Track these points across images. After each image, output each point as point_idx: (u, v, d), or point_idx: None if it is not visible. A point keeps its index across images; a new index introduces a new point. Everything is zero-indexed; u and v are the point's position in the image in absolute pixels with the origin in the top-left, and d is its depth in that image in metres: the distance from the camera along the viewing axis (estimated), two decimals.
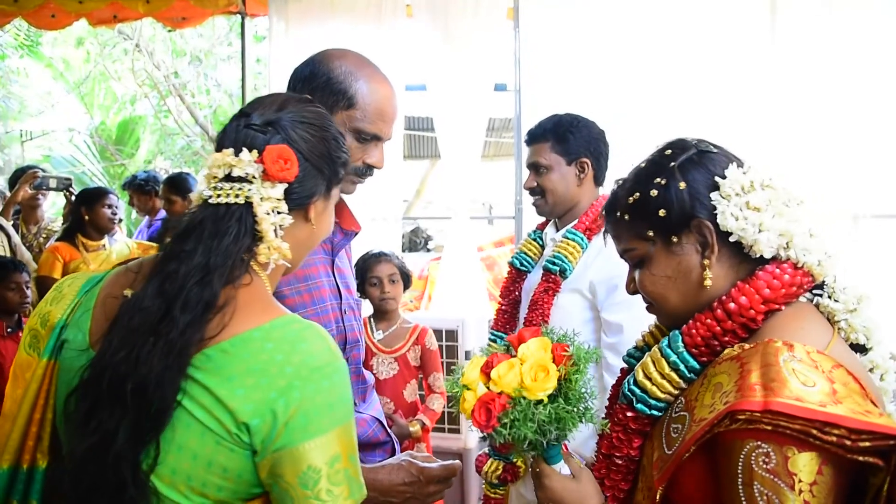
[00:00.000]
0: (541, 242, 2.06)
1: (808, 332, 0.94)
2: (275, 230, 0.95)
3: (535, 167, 1.94)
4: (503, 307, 2.09)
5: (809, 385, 0.84)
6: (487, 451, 1.97)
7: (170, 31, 7.27)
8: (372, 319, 2.51)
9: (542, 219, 2.10)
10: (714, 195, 1.02)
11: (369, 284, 2.45)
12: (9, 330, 2.78)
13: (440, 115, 3.74)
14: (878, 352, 1.02)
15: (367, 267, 2.44)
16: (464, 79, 3.63)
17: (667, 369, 1.03)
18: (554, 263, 1.88)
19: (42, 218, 3.84)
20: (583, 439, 1.75)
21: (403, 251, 4.75)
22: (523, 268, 2.06)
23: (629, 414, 1.07)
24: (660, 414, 1.04)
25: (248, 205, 0.93)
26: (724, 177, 1.02)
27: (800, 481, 0.82)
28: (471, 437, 3.07)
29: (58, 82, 9.09)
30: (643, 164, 1.12)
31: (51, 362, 0.98)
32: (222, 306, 0.88)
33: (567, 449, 1.15)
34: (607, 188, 1.98)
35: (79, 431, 0.87)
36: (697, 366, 1.01)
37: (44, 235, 3.75)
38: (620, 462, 1.09)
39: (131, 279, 0.96)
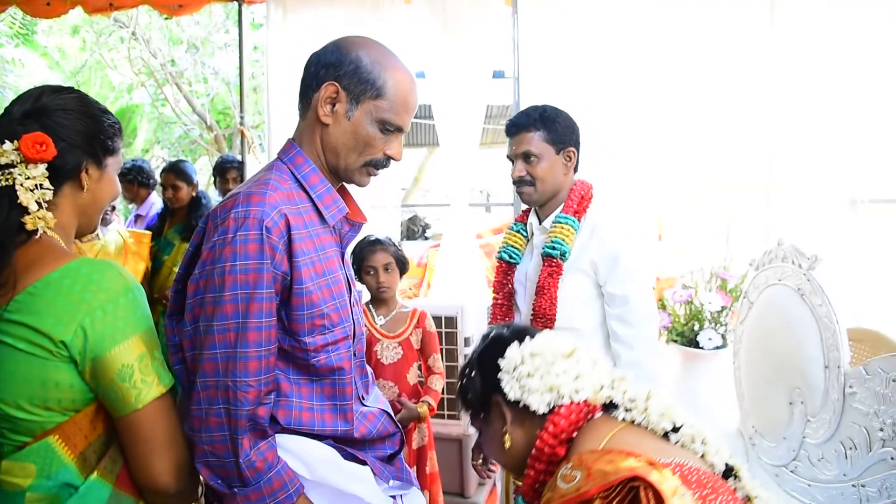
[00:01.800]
0: (524, 233, 2.13)
1: (588, 440, 1.18)
2: (38, 203, 1.17)
3: (525, 156, 1.97)
4: (499, 301, 2.14)
5: (570, 481, 1.06)
6: None
7: (166, 18, 7.22)
8: (370, 306, 2.52)
9: (528, 212, 2.15)
10: (500, 374, 1.29)
11: (365, 273, 2.47)
12: None
13: (439, 103, 3.74)
14: (688, 425, 1.19)
15: (363, 255, 2.45)
16: (462, 66, 3.63)
17: None
18: (553, 248, 1.93)
19: None
20: None
21: (402, 240, 4.75)
22: (513, 260, 2.12)
23: None
24: None
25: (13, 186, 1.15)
26: (503, 356, 1.29)
27: None
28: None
29: (53, 72, 9.05)
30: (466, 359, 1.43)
31: None
32: (12, 264, 1.13)
33: None
34: (579, 174, 2.06)
35: None
36: None
37: None
38: None
39: None
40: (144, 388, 1.16)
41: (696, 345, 3.08)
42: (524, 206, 2.17)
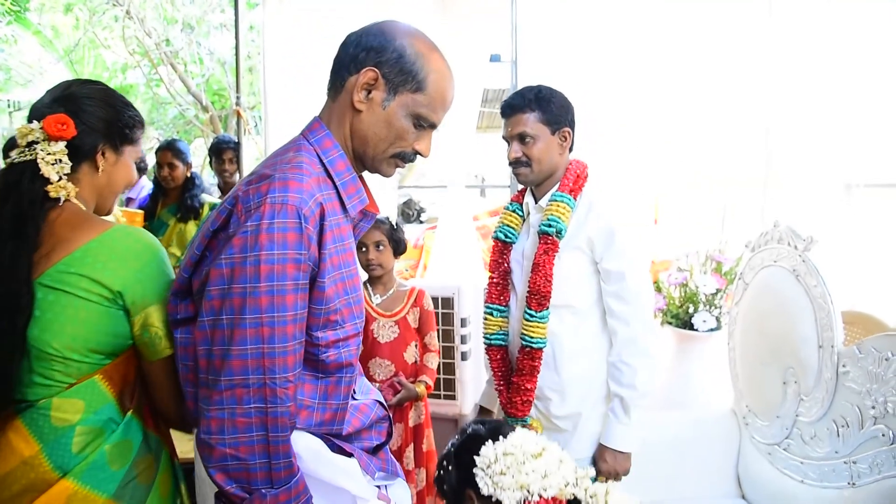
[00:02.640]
0: (520, 213, 2.14)
1: None
2: (59, 175, 1.32)
3: (520, 137, 1.98)
4: (495, 279, 2.15)
5: None
6: None
7: None
8: (368, 285, 2.53)
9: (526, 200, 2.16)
10: (475, 470, 1.45)
11: (357, 249, 2.46)
12: None
13: None
14: None
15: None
16: (460, 49, 3.61)
17: None
18: (550, 226, 1.95)
19: None
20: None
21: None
22: (508, 239, 2.14)
23: None
24: None
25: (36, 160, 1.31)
26: (479, 454, 1.45)
27: None
28: (466, 403, 3.12)
29: (46, 50, 8.95)
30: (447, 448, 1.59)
31: None
32: (49, 224, 1.29)
33: None
34: (574, 154, 2.07)
35: None
36: None
37: None
38: None
39: None
40: (168, 339, 1.33)
41: (691, 327, 3.11)
42: (520, 187, 2.18)
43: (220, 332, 1.17)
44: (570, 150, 2.06)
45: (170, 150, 3.65)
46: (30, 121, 1.34)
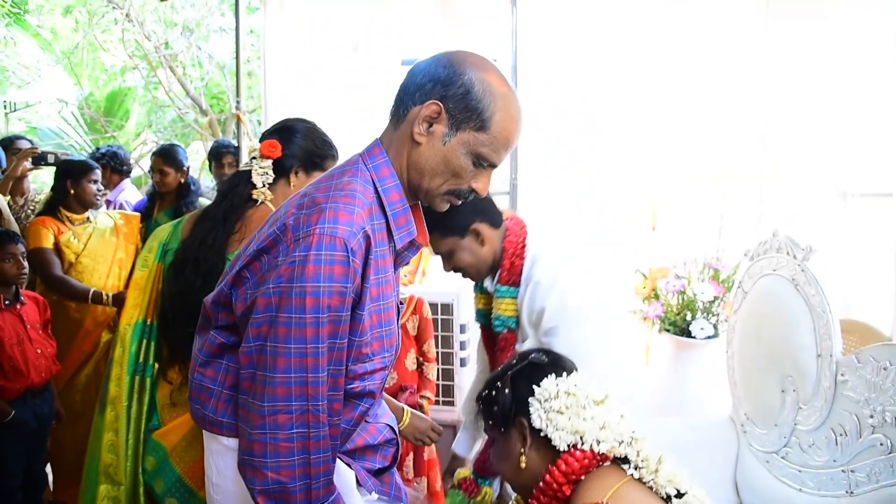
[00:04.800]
0: (486, 291, 2.12)
1: (594, 490, 1.25)
2: (263, 183, 1.84)
3: (444, 257, 1.99)
4: (490, 358, 2.16)
5: None
6: None
7: (161, 0, 7.15)
8: None
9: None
10: (531, 399, 1.35)
11: None
12: (7, 302, 2.74)
13: None
14: (692, 494, 1.29)
15: None
16: None
17: None
18: (500, 325, 2.00)
19: (28, 189, 3.79)
20: None
21: None
22: (485, 322, 2.13)
23: None
24: None
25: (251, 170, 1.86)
26: (539, 385, 1.35)
27: None
28: None
29: (45, 52, 8.93)
30: (498, 370, 1.47)
31: (159, 263, 1.92)
32: (243, 219, 1.82)
33: None
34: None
35: (171, 282, 1.84)
36: None
37: (31, 207, 3.71)
38: None
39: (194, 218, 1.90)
40: None
41: (689, 334, 3.12)
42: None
43: (264, 358, 1.18)
44: (496, 224, 2.00)
45: (160, 157, 3.70)
46: (260, 141, 1.86)
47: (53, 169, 3.57)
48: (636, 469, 1.30)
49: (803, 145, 3.30)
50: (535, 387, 1.35)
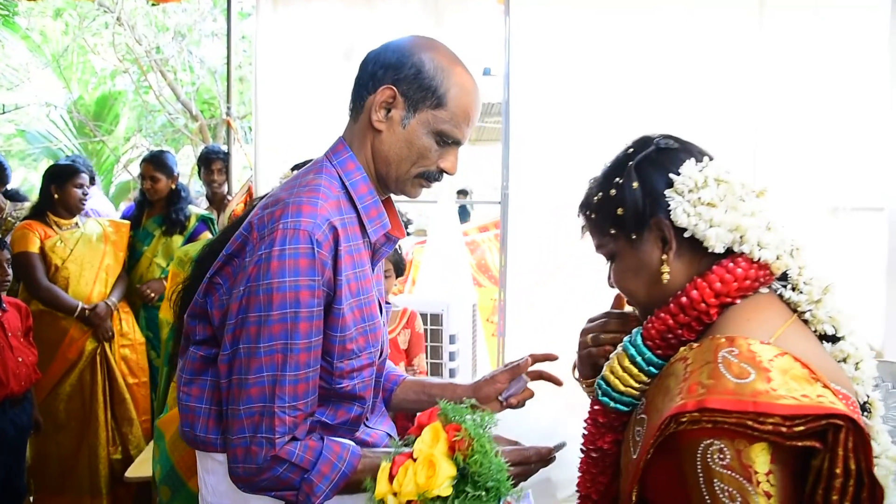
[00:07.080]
0: None
1: (756, 324, 0.95)
2: None
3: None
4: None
5: (743, 378, 0.84)
6: None
7: (153, 5, 7.12)
8: None
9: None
10: (669, 192, 1.03)
11: None
12: None
13: None
14: (850, 341, 1.02)
15: None
16: None
17: (626, 363, 1.05)
18: None
19: (4, 204, 3.75)
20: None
21: None
22: None
23: (596, 407, 1.10)
24: (625, 409, 1.07)
25: None
26: (678, 173, 1.03)
27: (756, 472, 0.82)
28: None
29: (34, 55, 8.88)
30: (608, 163, 1.14)
31: None
32: None
33: None
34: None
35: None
36: (655, 359, 1.03)
37: (15, 211, 3.67)
38: (595, 455, 1.12)
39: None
40: None
41: None
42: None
43: (238, 360, 1.16)
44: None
45: (151, 164, 3.64)
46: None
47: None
48: (794, 291, 1.02)
49: (794, 160, 3.31)
50: (671, 175, 1.03)
